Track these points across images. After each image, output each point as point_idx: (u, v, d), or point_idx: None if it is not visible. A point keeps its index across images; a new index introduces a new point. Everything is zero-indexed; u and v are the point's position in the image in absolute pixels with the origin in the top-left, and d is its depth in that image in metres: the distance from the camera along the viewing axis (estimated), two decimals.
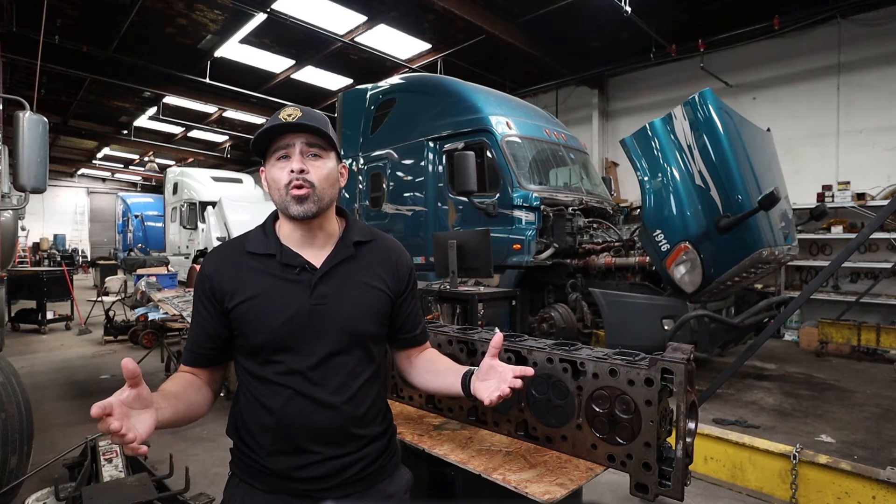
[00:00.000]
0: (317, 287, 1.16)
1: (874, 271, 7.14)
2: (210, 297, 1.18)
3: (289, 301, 1.14)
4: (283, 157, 1.15)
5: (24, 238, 18.47)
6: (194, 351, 1.21)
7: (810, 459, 1.93)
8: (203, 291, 1.19)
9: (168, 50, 9.51)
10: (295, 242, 1.20)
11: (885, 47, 7.32)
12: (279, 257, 1.17)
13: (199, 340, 1.20)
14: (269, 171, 1.17)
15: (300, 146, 1.14)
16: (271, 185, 1.17)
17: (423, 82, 6.80)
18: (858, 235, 2.76)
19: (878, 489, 1.79)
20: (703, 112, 4.15)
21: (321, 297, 1.15)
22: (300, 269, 1.17)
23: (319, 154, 1.16)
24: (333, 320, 1.15)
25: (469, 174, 5.01)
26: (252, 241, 1.22)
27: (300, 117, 1.13)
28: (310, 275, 1.17)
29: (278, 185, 1.14)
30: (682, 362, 1.22)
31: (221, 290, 1.16)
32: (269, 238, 1.21)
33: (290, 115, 1.13)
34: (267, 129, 1.13)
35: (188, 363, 1.22)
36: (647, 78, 9.81)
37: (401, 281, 1.28)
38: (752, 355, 3.12)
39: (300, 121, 1.12)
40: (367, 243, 1.26)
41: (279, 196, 1.15)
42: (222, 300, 1.16)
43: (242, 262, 1.19)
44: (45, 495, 2.39)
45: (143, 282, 6.28)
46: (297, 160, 1.13)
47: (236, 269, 1.18)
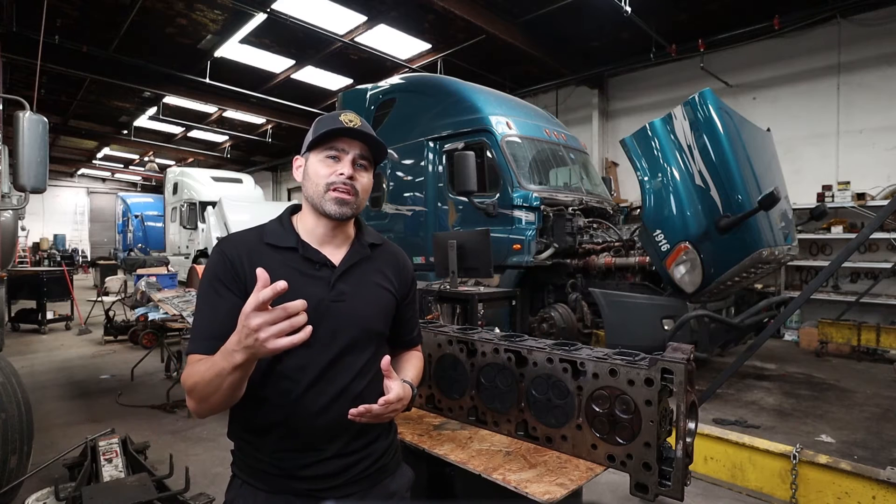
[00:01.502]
0: (336, 284, 1.18)
1: (874, 271, 7.14)
2: (233, 281, 1.13)
3: (309, 295, 1.11)
4: (334, 157, 1.18)
5: (24, 238, 18.46)
6: (215, 337, 1.06)
7: (810, 459, 1.93)
8: (224, 275, 1.14)
9: (168, 50, 9.51)
10: (316, 239, 1.22)
11: (885, 47, 7.32)
12: (301, 251, 1.18)
13: (218, 326, 1.08)
14: (314, 165, 1.19)
15: (354, 154, 1.18)
16: (311, 177, 1.19)
17: (423, 82, 6.80)
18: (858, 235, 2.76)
19: (878, 489, 1.79)
20: (703, 112, 4.15)
21: (340, 293, 1.18)
22: (321, 265, 1.19)
23: (366, 166, 1.21)
24: (350, 317, 1.18)
25: (469, 174, 5.01)
26: (271, 233, 1.21)
27: (361, 126, 1.17)
28: (330, 271, 1.19)
29: (319, 180, 1.17)
30: (682, 362, 1.22)
31: (245, 276, 1.13)
32: (287, 232, 1.22)
33: (351, 122, 1.16)
34: (332, 130, 1.16)
35: (204, 351, 1.07)
36: (647, 78, 9.81)
37: (405, 285, 1.33)
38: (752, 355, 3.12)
39: (362, 129, 1.17)
40: (378, 246, 1.30)
41: (317, 190, 1.17)
42: (246, 286, 1.12)
43: (264, 252, 1.18)
44: (45, 495, 2.38)
45: (143, 282, 6.28)
46: (349, 166, 1.17)
47: (258, 258, 1.15)
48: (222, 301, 1.12)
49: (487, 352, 1.65)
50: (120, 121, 15.02)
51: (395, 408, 1.11)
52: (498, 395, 1.62)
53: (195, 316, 1.17)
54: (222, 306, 1.11)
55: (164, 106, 12.89)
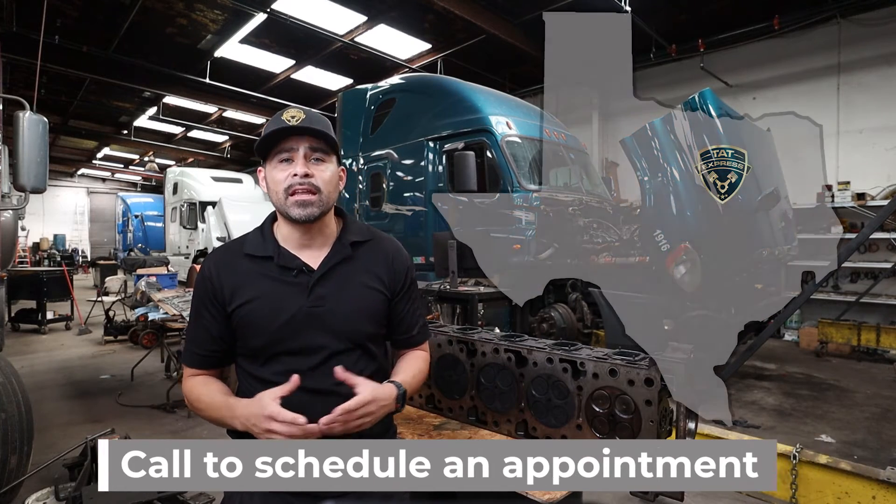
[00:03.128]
0: (314, 289, 1.16)
1: (874, 271, 7.14)
2: (213, 300, 1.18)
3: (287, 304, 1.14)
4: (286, 159, 1.14)
5: (24, 238, 18.47)
6: (202, 354, 1.20)
7: (810, 459, 1.93)
8: (205, 293, 1.19)
9: (168, 50, 9.50)
10: (293, 244, 1.20)
11: (885, 47, 7.32)
12: (277, 259, 1.17)
13: (205, 343, 1.20)
14: (270, 173, 1.17)
15: (304, 150, 1.14)
16: (271, 186, 1.17)
17: (423, 82, 6.80)
18: (858, 235, 2.77)
19: (878, 489, 1.79)
20: (703, 112, 4.15)
21: (319, 298, 1.16)
22: (297, 271, 1.17)
23: (322, 158, 1.17)
24: (331, 322, 1.16)
25: (469, 174, 5.01)
26: (250, 243, 1.21)
27: (304, 120, 1.12)
28: (307, 277, 1.17)
29: (278, 188, 1.14)
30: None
31: (222, 293, 1.16)
32: (266, 240, 1.21)
33: (293, 118, 1.12)
34: (272, 132, 1.13)
35: (198, 366, 1.21)
36: (647, 78, 9.81)
37: (397, 281, 1.27)
38: (752, 355, 3.12)
39: (304, 124, 1.12)
40: (364, 243, 1.26)
41: (279, 198, 1.15)
42: (224, 303, 1.16)
43: (241, 264, 1.19)
44: (45, 495, 2.39)
45: (143, 282, 6.27)
46: (302, 164, 1.13)
47: (235, 271, 1.18)
48: (202, 321, 1.20)
49: (487, 352, 1.65)
50: (120, 121, 15.01)
51: (367, 411, 1.06)
52: (498, 395, 1.62)
53: (187, 329, 1.26)
54: (203, 326, 1.20)
55: (164, 106, 12.88)
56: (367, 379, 1.11)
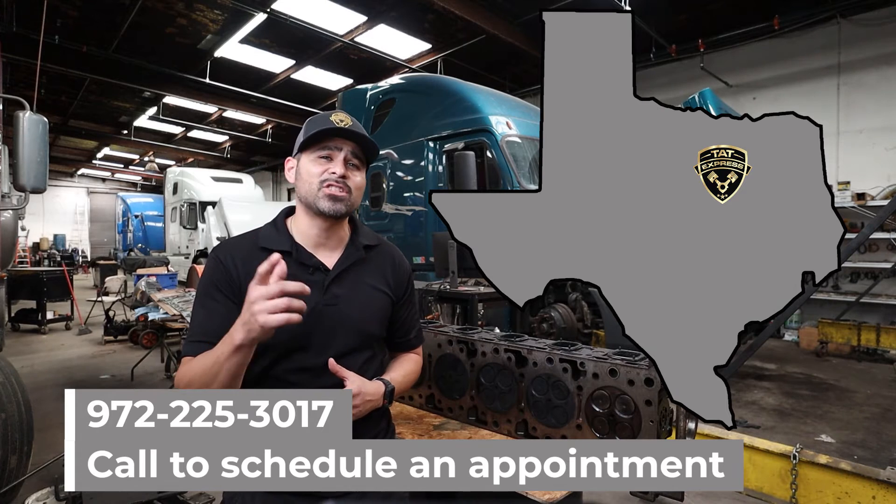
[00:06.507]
0: (329, 288, 1.18)
1: (874, 271, 7.14)
2: (228, 286, 1.16)
3: (303, 299, 1.14)
4: (326, 156, 1.18)
5: (24, 238, 18.46)
6: (209, 342, 1.09)
7: (810, 459, 1.93)
8: (221, 279, 1.16)
9: (168, 50, 9.51)
10: (310, 241, 1.22)
11: (885, 47, 7.32)
12: (295, 255, 1.18)
13: (214, 329, 1.11)
14: (306, 165, 1.19)
15: (346, 153, 1.19)
16: (304, 177, 1.19)
17: (423, 82, 6.80)
18: (858, 235, 2.77)
19: (878, 489, 1.79)
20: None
21: (334, 297, 1.18)
22: (314, 268, 1.19)
23: (358, 165, 1.22)
24: (344, 321, 1.18)
25: (469, 174, 5.00)
26: (265, 237, 1.22)
27: (352, 126, 1.18)
28: (323, 275, 1.19)
29: (313, 179, 1.17)
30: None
31: (239, 281, 1.14)
32: (282, 235, 1.22)
33: (342, 121, 1.17)
34: (322, 130, 1.16)
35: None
36: (647, 78, 9.80)
37: (401, 286, 1.33)
38: (752, 355, 3.12)
39: (353, 128, 1.17)
40: (374, 247, 1.30)
41: (310, 188, 1.17)
42: (240, 290, 1.13)
43: (258, 257, 1.17)
44: (45, 495, 2.38)
45: (143, 282, 6.27)
46: (341, 165, 1.17)
47: (252, 262, 1.13)
48: (217, 306, 1.15)
49: (487, 352, 1.65)
50: (120, 121, 15.02)
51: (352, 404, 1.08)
52: (498, 395, 1.62)
53: (191, 320, 1.19)
54: (217, 311, 1.14)
55: (164, 106, 12.89)
56: (356, 374, 1.15)
